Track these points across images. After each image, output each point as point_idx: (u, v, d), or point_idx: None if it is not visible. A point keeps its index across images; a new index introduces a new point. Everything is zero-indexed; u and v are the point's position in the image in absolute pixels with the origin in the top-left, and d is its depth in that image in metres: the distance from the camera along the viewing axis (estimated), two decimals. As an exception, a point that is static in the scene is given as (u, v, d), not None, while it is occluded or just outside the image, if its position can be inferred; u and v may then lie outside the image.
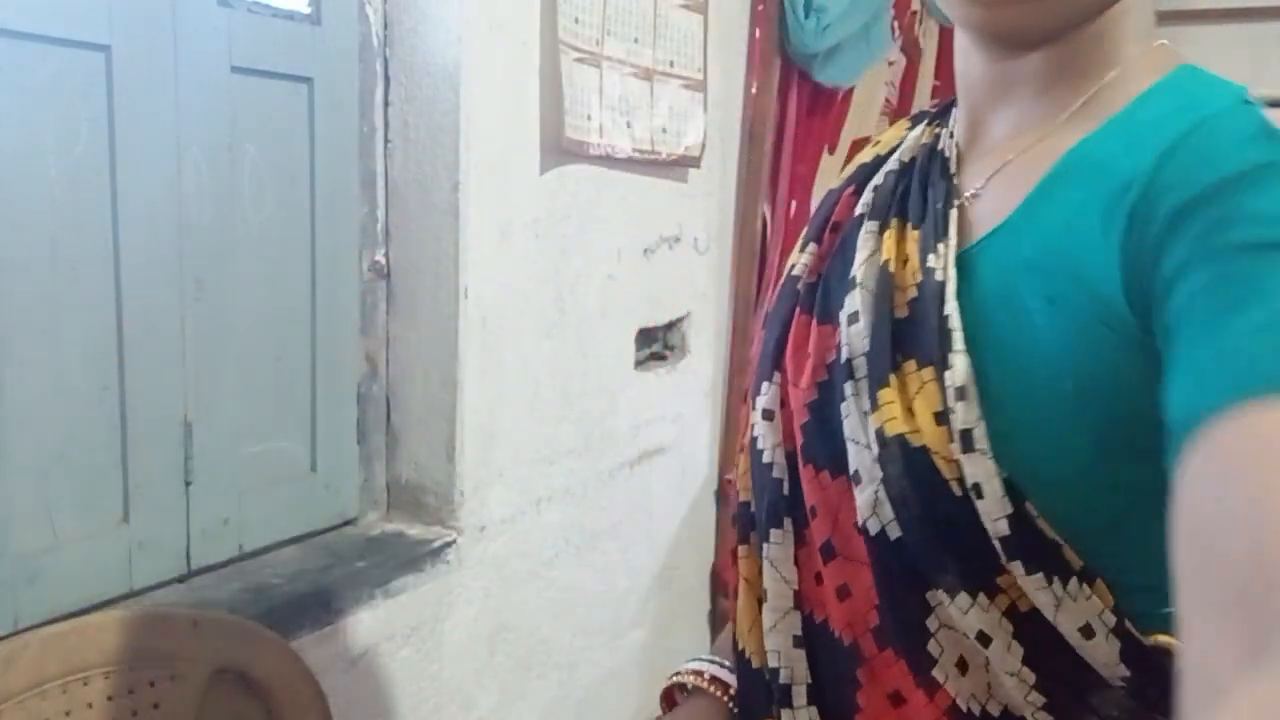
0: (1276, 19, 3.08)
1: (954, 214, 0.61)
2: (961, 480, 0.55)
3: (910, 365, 0.58)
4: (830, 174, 2.49)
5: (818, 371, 0.66)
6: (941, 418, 0.56)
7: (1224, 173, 0.47)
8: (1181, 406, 0.42)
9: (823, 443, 0.64)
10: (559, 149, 1.59)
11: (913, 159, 0.68)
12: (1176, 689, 0.35)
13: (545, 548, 1.75)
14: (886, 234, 0.65)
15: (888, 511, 0.58)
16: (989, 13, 0.58)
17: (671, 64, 1.82)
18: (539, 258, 1.63)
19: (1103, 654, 0.55)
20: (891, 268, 0.62)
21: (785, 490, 0.68)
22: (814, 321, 0.68)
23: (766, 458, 0.69)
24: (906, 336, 0.59)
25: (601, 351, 1.82)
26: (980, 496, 0.54)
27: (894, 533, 0.59)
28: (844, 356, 0.63)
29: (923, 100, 2.99)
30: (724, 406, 2.26)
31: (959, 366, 0.56)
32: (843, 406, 0.62)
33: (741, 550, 0.72)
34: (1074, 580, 0.55)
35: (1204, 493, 0.38)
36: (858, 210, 0.69)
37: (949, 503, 0.55)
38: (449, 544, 1.52)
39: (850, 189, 0.72)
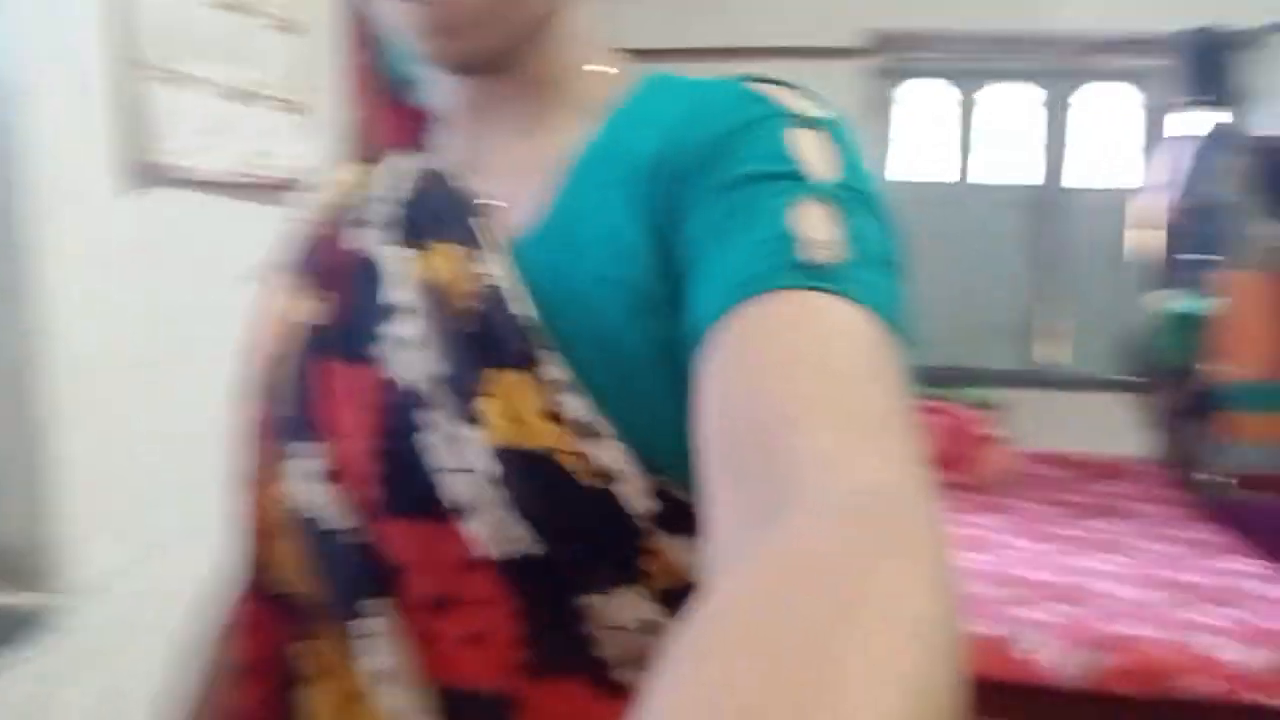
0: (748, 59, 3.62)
1: (482, 224, 0.62)
2: (591, 471, 0.55)
3: (495, 374, 0.57)
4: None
5: (372, 415, 0.61)
6: (551, 416, 0.55)
7: (721, 128, 0.55)
8: (698, 317, 0.49)
9: (406, 489, 0.59)
10: (145, 173, 1.51)
11: (412, 185, 0.67)
12: None
13: (168, 599, 1.62)
14: (419, 257, 0.62)
15: (516, 531, 0.56)
16: (434, 45, 0.60)
17: (266, 85, 1.79)
18: (132, 289, 1.53)
19: None
20: (439, 286, 0.60)
21: (366, 557, 0.60)
22: (346, 364, 0.63)
23: (331, 525, 0.61)
24: (483, 347, 0.58)
25: (209, 385, 1.73)
26: (615, 480, 0.55)
27: (528, 550, 0.56)
28: (402, 387, 0.59)
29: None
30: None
31: (552, 362, 0.56)
32: (418, 438, 0.58)
33: (300, 647, 0.63)
34: (684, 535, 0.56)
35: (712, 382, 0.44)
36: (355, 246, 0.67)
37: (583, 497, 0.55)
38: (51, 608, 1.37)
39: (338, 232, 0.69)
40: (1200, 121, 3.27)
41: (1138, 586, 2.32)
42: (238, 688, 0.67)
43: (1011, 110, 3.77)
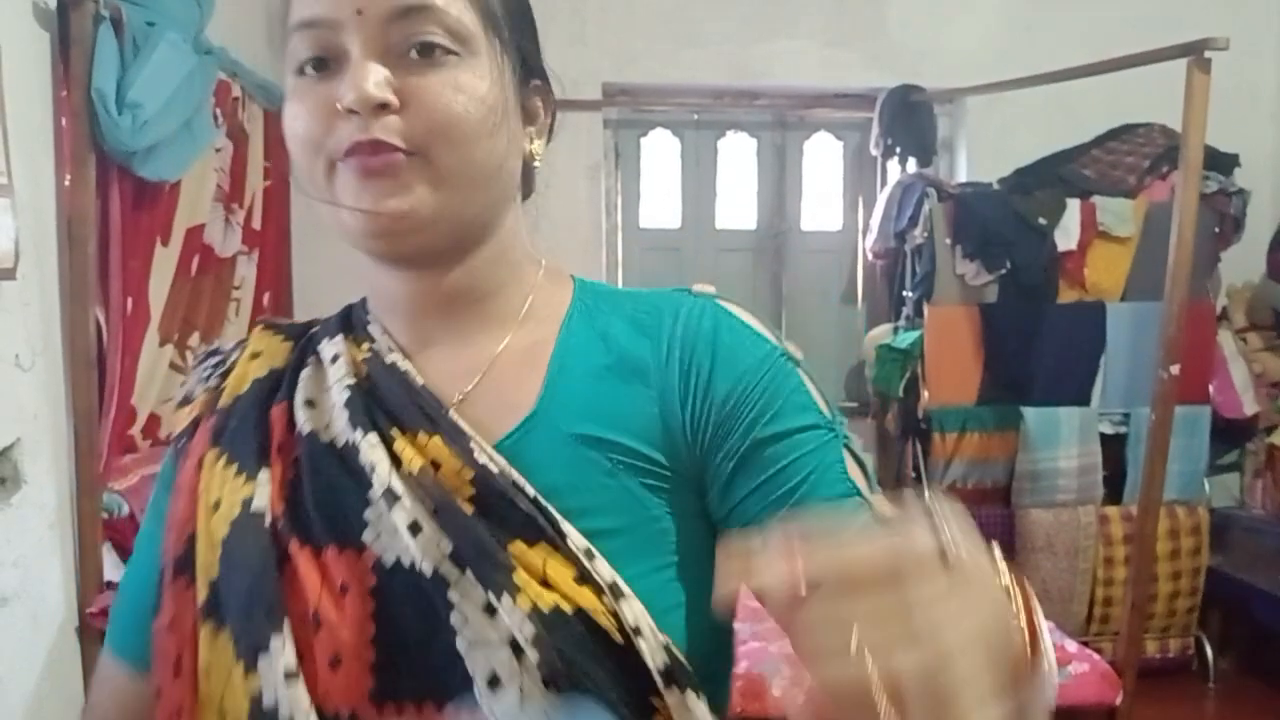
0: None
1: (455, 415, 0.64)
2: (620, 628, 0.58)
3: (519, 546, 0.59)
4: (165, 267, 2.38)
5: (369, 602, 0.60)
6: (582, 579, 0.59)
7: (753, 362, 0.66)
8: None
9: (415, 677, 0.59)
10: None
11: (367, 374, 0.67)
12: None
13: None
14: (398, 445, 0.63)
15: (538, 697, 0.56)
16: (383, 244, 0.63)
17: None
18: None
19: (656, 639, 0.60)
20: (433, 474, 0.62)
21: None
22: (327, 551, 0.62)
23: None
24: (501, 525, 0.60)
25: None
26: (640, 635, 0.59)
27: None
28: (426, 570, 0.59)
29: (256, 182, 3.00)
30: (75, 535, 2.04)
31: (574, 532, 0.60)
32: (432, 619, 0.58)
33: None
34: (693, 691, 0.60)
35: None
36: (308, 427, 0.65)
37: (614, 652, 0.58)
38: None
39: (265, 407, 0.68)
40: (903, 171, 3.63)
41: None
42: None
43: (738, 159, 4.00)
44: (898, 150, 3.62)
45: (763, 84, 3.76)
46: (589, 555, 0.60)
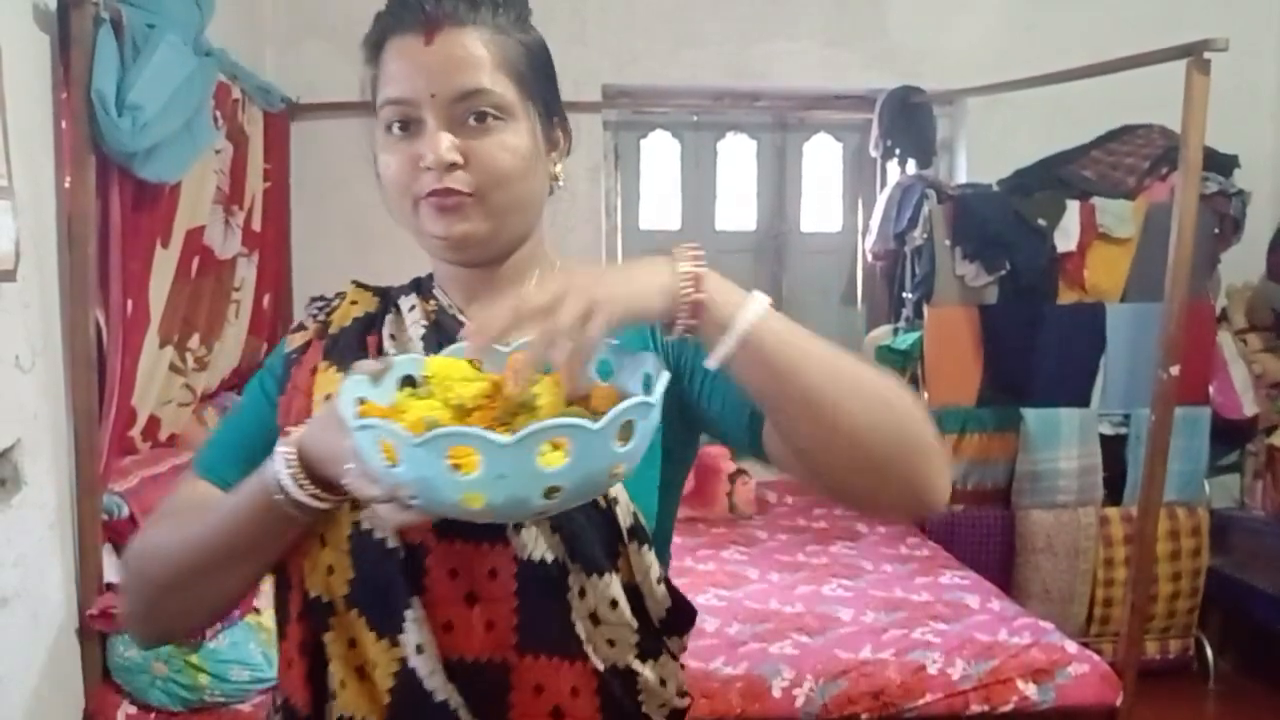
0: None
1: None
2: (605, 500, 0.83)
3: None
4: (165, 268, 2.38)
5: None
6: None
7: None
8: (742, 424, 0.83)
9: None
10: None
11: (435, 320, 0.94)
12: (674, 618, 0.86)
13: None
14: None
15: (555, 543, 0.83)
16: (456, 256, 0.90)
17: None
18: None
19: (659, 595, 0.87)
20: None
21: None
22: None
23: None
24: None
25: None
26: (617, 504, 0.84)
27: (549, 556, 0.83)
28: None
29: (256, 184, 3.01)
30: (75, 536, 2.04)
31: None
32: None
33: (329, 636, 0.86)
34: (648, 546, 0.86)
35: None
36: (390, 351, 0.92)
37: (596, 514, 0.83)
38: None
39: (366, 336, 0.95)
40: (902, 172, 3.63)
41: (875, 610, 2.55)
42: (289, 668, 0.89)
43: (738, 160, 4.01)
44: (897, 151, 3.62)
45: (762, 85, 3.76)
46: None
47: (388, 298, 0.98)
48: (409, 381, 0.80)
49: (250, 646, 2.10)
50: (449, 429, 0.67)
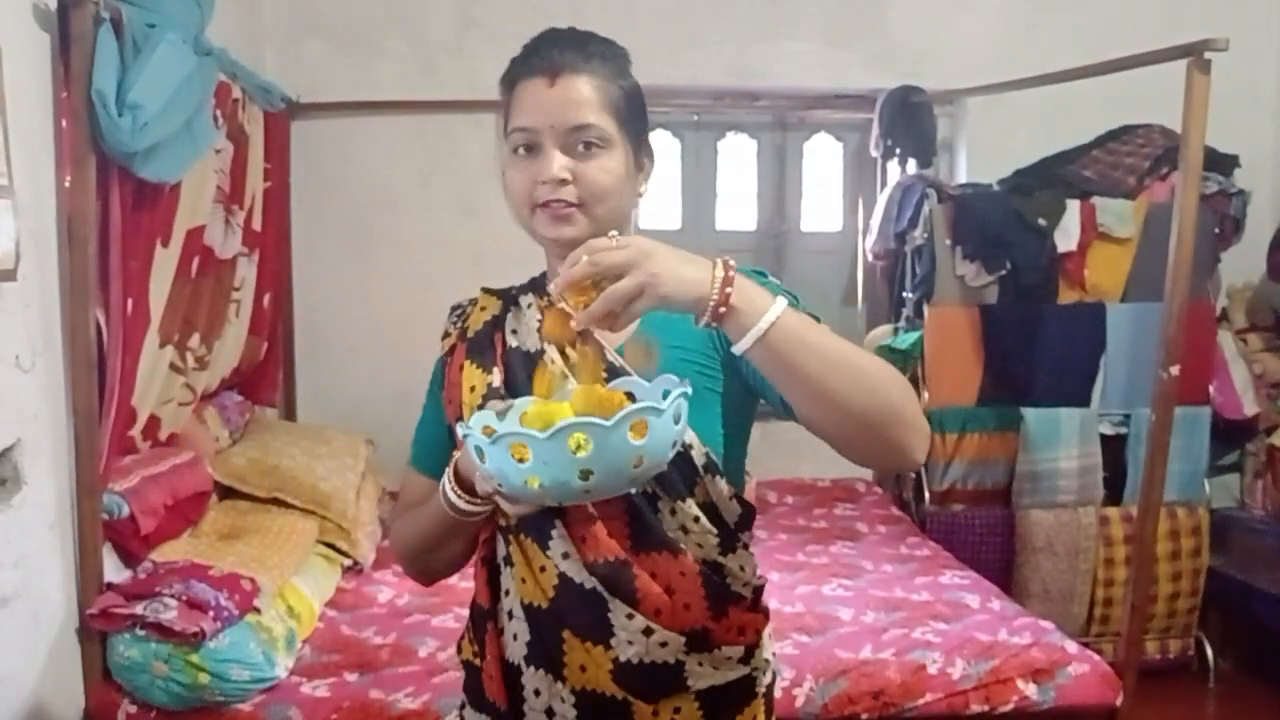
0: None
1: (599, 337, 1.04)
2: (684, 444, 1.04)
3: (608, 397, 1.00)
4: (165, 268, 2.38)
5: None
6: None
7: None
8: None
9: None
10: None
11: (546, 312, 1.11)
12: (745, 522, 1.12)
13: None
14: (569, 349, 1.07)
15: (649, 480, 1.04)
16: (565, 253, 0.99)
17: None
18: None
19: (733, 509, 1.10)
20: (589, 365, 1.04)
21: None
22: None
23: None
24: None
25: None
26: (692, 447, 1.06)
27: (647, 488, 1.06)
28: None
29: (256, 184, 3.01)
30: (76, 535, 2.04)
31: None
32: None
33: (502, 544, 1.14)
34: (720, 476, 1.08)
35: None
36: (514, 344, 1.17)
37: (677, 455, 0.99)
38: None
39: (494, 334, 1.19)
40: (903, 172, 3.63)
41: (875, 610, 2.55)
42: (475, 577, 1.16)
43: (738, 160, 4.01)
44: (897, 151, 3.62)
45: (763, 85, 3.76)
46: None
47: (509, 298, 1.22)
48: None
49: (250, 646, 2.10)
50: (505, 429, 0.92)
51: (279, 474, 2.78)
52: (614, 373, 1.08)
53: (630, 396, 1.00)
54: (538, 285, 1.22)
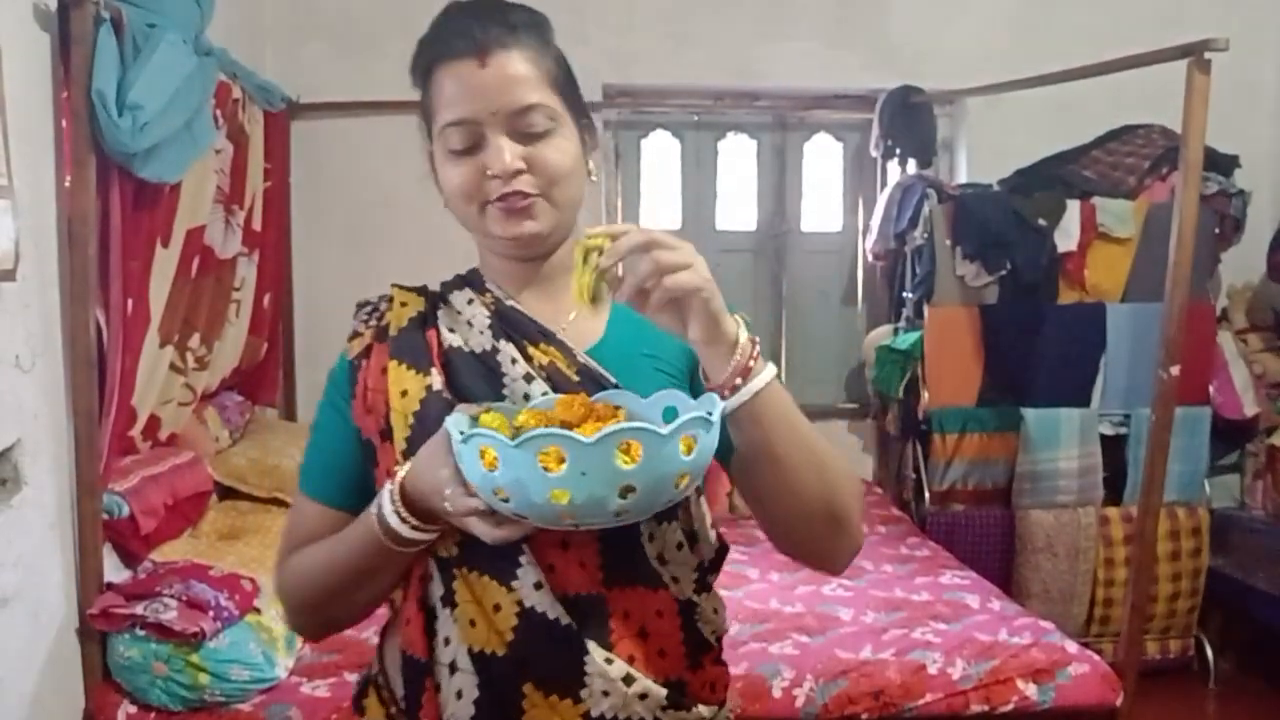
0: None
1: (564, 337, 1.00)
2: None
3: (604, 410, 0.90)
4: (165, 268, 2.38)
5: None
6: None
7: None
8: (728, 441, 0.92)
9: None
10: None
11: (496, 310, 1.02)
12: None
13: None
14: (529, 350, 0.99)
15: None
16: (522, 252, 1.00)
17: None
18: None
19: (711, 539, 1.03)
20: (553, 368, 0.98)
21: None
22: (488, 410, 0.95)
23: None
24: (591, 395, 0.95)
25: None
26: None
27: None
28: None
29: (256, 184, 3.01)
30: (76, 535, 2.04)
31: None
32: None
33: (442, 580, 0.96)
34: (703, 497, 1.03)
35: None
36: (454, 344, 1.01)
37: None
38: None
39: (425, 332, 1.02)
40: (903, 172, 3.63)
41: (875, 610, 2.55)
42: (408, 624, 0.97)
43: (738, 160, 4.00)
44: (898, 151, 3.62)
45: (763, 85, 3.76)
46: (617, 387, 0.97)
47: (431, 295, 1.07)
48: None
49: (250, 646, 2.10)
50: (542, 429, 0.78)
51: (279, 474, 2.78)
52: (587, 375, 0.98)
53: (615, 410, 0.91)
54: (474, 282, 1.06)
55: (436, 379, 0.98)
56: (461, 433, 0.81)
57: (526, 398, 0.96)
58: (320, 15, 3.50)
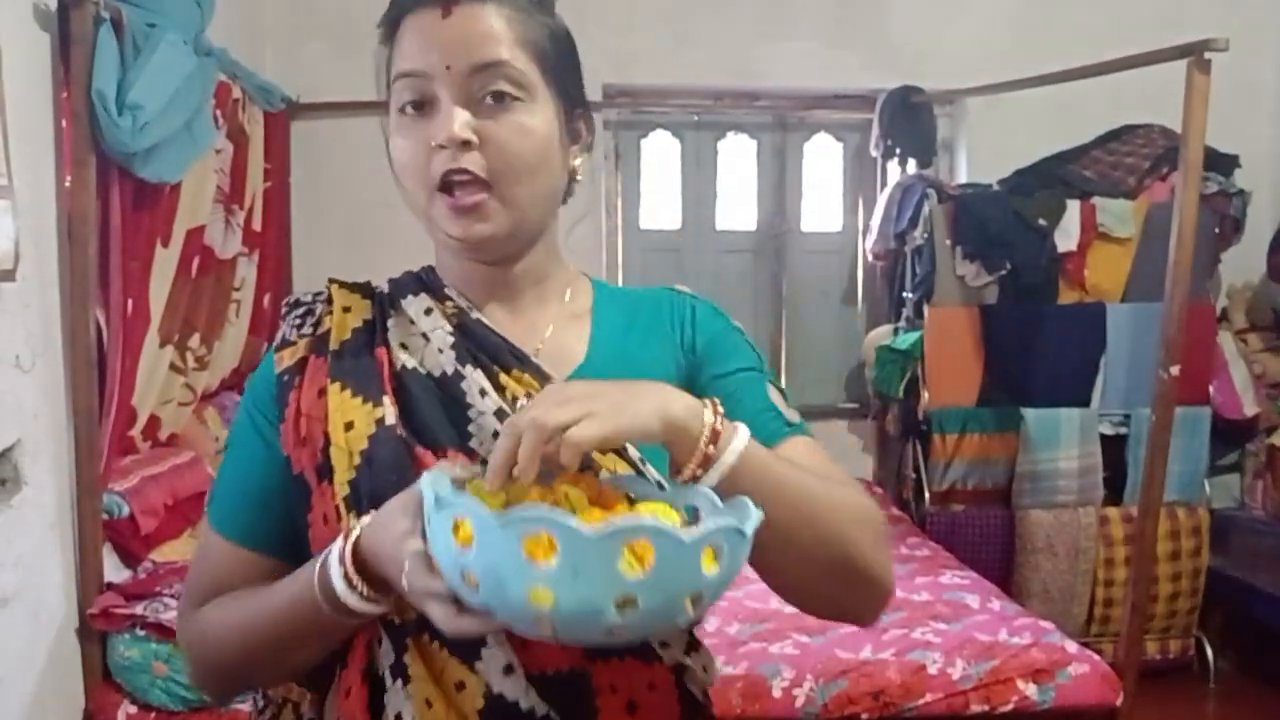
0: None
1: (540, 360, 0.87)
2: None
3: (594, 455, 0.79)
4: (165, 268, 2.38)
5: None
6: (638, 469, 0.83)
7: (720, 330, 0.93)
8: (761, 434, 0.79)
9: None
10: None
11: (459, 325, 0.88)
12: None
13: None
14: (501, 378, 0.84)
15: None
16: (472, 253, 0.86)
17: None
18: None
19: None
20: (529, 398, 0.83)
21: None
22: (448, 451, 0.81)
23: None
24: None
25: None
26: None
27: None
28: None
29: (256, 184, 3.00)
30: (76, 535, 2.04)
31: (629, 447, 0.82)
32: None
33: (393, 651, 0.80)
34: None
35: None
36: (408, 364, 0.85)
37: None
38: None
39: (374, 349, 0.87)
40: (903, 172, 3.63)
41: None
42: (348, 696, 0.81)
43: (738, 160, 4.00)
44: (898, 151, 3.62)
45: (763, 85, 3.76)
46: (643, 461, 0.82)
47: (379, 298, 0.91)
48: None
49: (250, 646, 2.10)
50: (532, 508, 0.62)
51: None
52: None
53: (629, 501, 0.75)
54: (431, 286, 0.91)
55: (390, 411, 0.82)
56: (437, 497, 0.65)
57: (496, 436, 0.79)
58: (320, 15, 3.50)
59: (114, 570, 2.18)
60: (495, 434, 0.80)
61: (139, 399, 2.29)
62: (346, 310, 0.90)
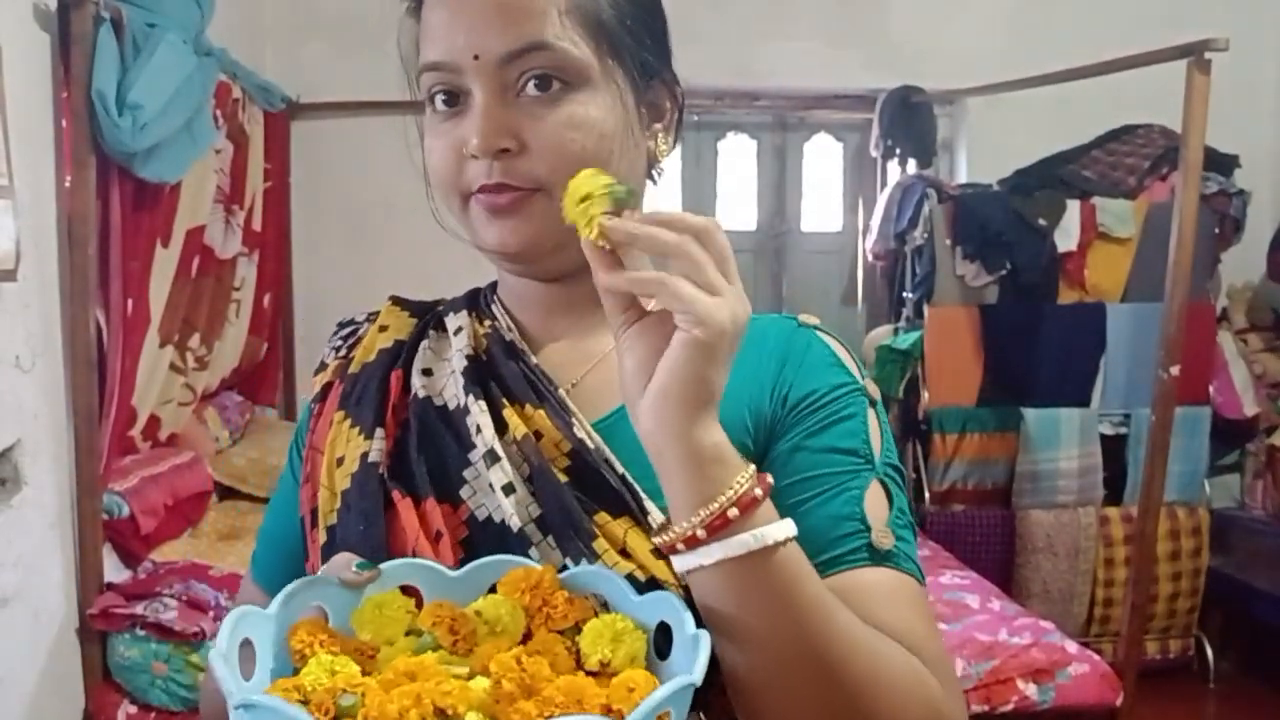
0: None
1: (563, 394, 0.71)
2: (688, 595, 0.60)
3: (603, 517, 0.65)
4: (165, 268, 2.38)
5: (457, 550, 0.66)
6: (658, 552, 0.62)
7: (823, 386, 0.68)
8: (816, 545, 0.62)
9: None
10: None
11: (486, 348, 0.74)
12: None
13: None
14: (505, 412, 0.69)
15: None
16: (517, 267, 0.71)
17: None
18: None
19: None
20: (534, 442, 0.68)
21: None
22: (426, 502, 0.67)
23: None
24: (586, 496, 0.65)
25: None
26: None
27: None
28: (513, 526, 0.65)
29: (256, 184, 3.01)
30: (76, 535, 2.04)
31: (655, 510, 0.64)
32: None
33: None
34: None
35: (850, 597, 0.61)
36: (420, 393, 0.72)
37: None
38: None
39: (390, 373, 0.74)
40: (903, 172, 3.63)
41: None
42: None
43: (738, 160, 4.00)
44: (898, 151, 3.62)
45: (763, 85, 3.76)
46: (647, 517, 0.65)
47: (430, 317, 0.78)
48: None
49: (250, 646, 2.10)
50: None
51: (279, 475, 2.78)
52: (580, 469, 0.67)
53: (605, 608, 0.61)
54: (480, 303, 0.78)
55: (377, 445, 0.70)
56: (235, 696, 0.47)
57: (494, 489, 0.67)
58: (320, 15, 3.50)
59: (114, 570, 2.18)
60: (508, 488, 0.66)
61: (139, 399, 2.29)
62: (383, 329, 0.78)
